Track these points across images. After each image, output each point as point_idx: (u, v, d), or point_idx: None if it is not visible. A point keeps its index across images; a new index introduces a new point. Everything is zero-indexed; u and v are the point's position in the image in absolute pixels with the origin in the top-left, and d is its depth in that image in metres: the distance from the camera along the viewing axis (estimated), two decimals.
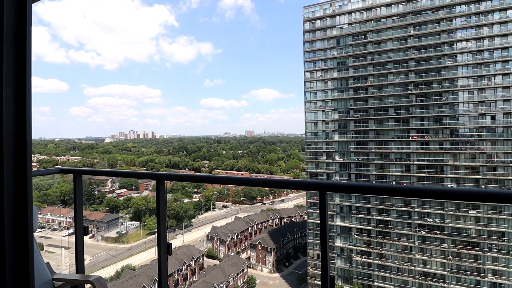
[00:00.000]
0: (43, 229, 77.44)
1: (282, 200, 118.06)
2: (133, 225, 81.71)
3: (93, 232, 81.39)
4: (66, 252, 69.53)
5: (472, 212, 47.24)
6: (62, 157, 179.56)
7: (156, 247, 2.71)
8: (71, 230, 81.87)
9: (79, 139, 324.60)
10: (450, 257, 47.55)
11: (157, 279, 2.79)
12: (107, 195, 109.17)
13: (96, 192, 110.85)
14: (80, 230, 3.09)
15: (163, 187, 2.57)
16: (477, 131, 47.96)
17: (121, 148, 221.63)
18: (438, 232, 48.79)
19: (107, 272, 60.31)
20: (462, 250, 47.00)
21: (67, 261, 67.20)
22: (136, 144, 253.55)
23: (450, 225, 48.27)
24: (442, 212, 48.89)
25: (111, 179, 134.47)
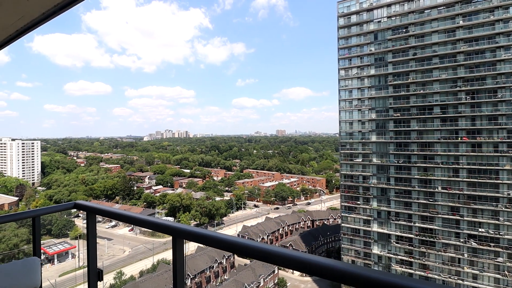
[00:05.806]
0: None
1: (309, 203, 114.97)
2: (168, 220, 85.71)
3: (132, 226, 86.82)
4: (108, 243, 75.21)
5: None
6: (106, 154, 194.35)
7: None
8: (113, 223, 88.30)
9: (120, 137, 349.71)
10: (506, 272, 42.40)
11: None
12: (145, 191, 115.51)
13: (135, 188, 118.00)
14: (94, 275, 2.42)
15: (181, 246, 1.95)
16: None
17: (158, 147, 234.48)
18: (492, 244, 43.81)
19: (144, 265, 63.69)
20: None
21: (109, 252, 72.55)
22: (171, 143, 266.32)
23: (506, 236, 43.08)
24: (496, 222, 43.85)
25: (148, 176, 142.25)
